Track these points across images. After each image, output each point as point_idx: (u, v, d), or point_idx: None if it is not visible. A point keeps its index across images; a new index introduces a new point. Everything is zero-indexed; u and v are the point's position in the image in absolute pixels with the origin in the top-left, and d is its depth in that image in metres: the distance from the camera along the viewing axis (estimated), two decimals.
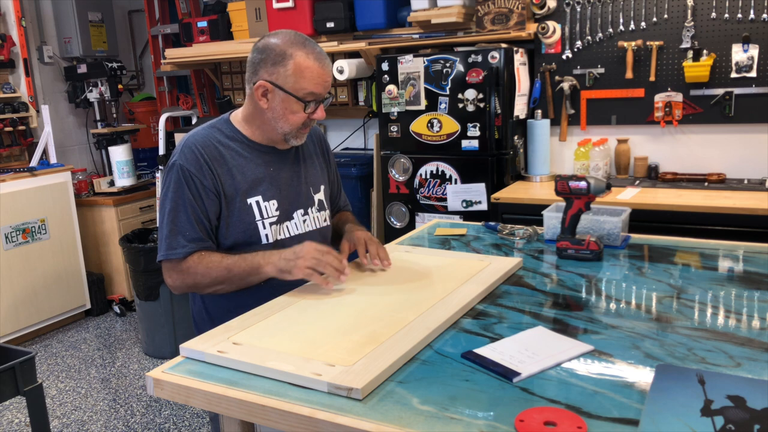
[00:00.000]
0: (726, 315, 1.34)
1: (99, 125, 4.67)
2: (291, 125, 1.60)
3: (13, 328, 3.84)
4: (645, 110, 3.15)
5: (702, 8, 2.94)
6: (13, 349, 2.16)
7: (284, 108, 1.58)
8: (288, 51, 1.55)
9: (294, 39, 1.57)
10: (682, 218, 2.59)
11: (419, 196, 3.35)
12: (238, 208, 1.61)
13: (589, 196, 1.74)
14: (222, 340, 1.27)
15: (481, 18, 3.30)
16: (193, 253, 1.57)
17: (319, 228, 1.77)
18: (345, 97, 4.03)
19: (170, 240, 1.57)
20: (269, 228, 1.65)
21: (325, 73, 1.58)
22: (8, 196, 3.79)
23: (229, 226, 1.62)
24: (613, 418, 0.95)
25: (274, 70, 1.56)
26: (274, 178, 1.67)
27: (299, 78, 1.55)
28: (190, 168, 1.57)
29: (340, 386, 1.05)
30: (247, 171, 1.64)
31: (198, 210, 1.57)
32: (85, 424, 2.96)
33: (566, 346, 1.19)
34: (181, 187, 1.57)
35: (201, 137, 1.63)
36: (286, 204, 1.69)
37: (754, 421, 0.89)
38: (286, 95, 1.56)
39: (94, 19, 4.68)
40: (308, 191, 1.75)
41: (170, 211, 1.58)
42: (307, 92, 1.56)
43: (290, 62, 1.54)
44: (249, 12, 4.01)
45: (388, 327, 1.28)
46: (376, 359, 1.14)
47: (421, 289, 1.52)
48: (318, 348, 1.21)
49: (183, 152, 1.60)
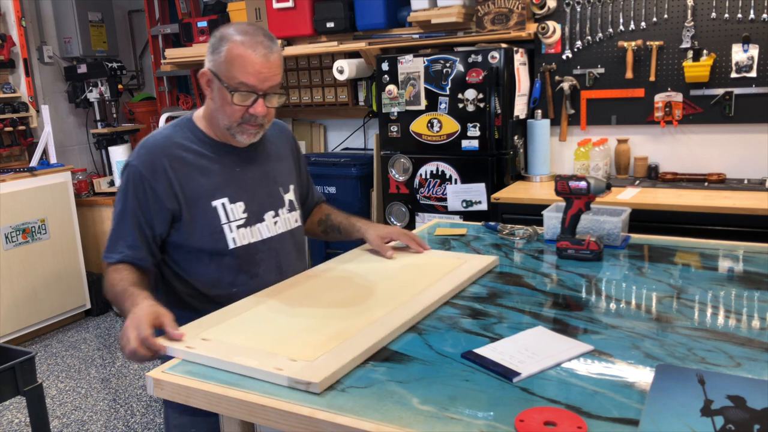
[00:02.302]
0: (726, 315, 1.34)
1: (99, 125, 4.68)
2: (229, 118, 1.50)
3: (13, 328, 3.84)
4: (645, 110, 3.15)
5: (702, 8, 2.94)
6: (13, 349, 2.16)
7: (221, 98, 1.49)
8: (226, 37, 1.46)
9: (238, 27, 1.48)
10: (682, 218, 2.59)
11: (419, 196, 3.35)
12: (202, 211, 1.53)
13: (589, 196, 1.74)
14: (192, 337, 1.27)
15: (481, 18, 3.30)
16: (122, 263, 1.49)
17: (290, 229, 1.71)
18: (345, 97, 4.03)
19: (111, 243, 1.51)
20: (236, 231, 1.57)
21: (261, 64, 1.44)
22: (8, 196, 3.79)
23: (192, 231, 1.53)
24: (613, 418, 0.95)
25: (212, 57, 1.48)
26: (240, 179, 1.59)
27: (230, 66, 1.45)
28: (143, 171, 1.50)
29: (300, 380, 1.07)
30: (211, 172, 1.55)
31: (141, 218, 1.50)
32: (85, 424, 2.96)
33: (566, 346, 1.19)
34: (129, 191, 1.50)
35: (161, 138, 1.55)
36: (255, 206, 1.61)
37: (754, 421, 0.89)
38: (220, 84, 1.47)
39: (94, 19, 4.68)
40: (278, 191, 1.68)
41: (118, 213, 1.52)
42: (238, 82, 1.45)
43: (224, 48, 1.45)
44: (249, 12, 4.01)
45: (355, 324, 1.30)
46: (337, 355, 1.16)
47: (393, 288, 1.53)
48: (284, 344, 1.22)
49: (139, 153, 1.53)
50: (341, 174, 3.83)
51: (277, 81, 1.49)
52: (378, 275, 1.63)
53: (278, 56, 1.49)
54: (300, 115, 4.42)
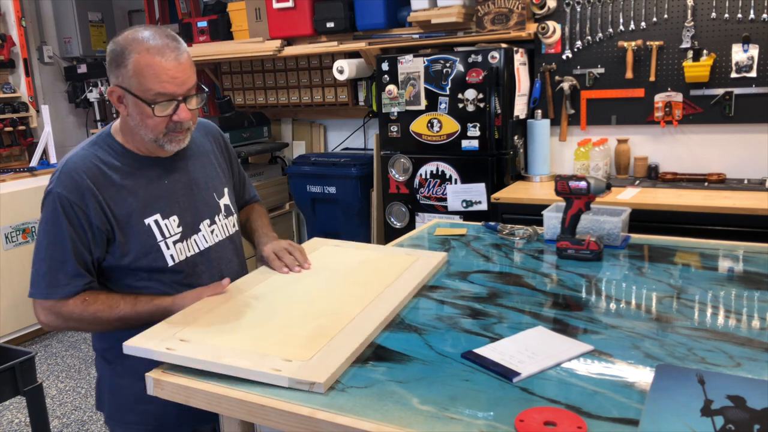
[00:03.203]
0: (726, 315, 1.34)
1: (99, 125, 4.68)
2: (153, 131, 1.40)
3: (13, 328, 3.84)
4: (645, 110, 3.15)
5: (702, 8, 2.94)
6: (13, 349, 2.16)
7: (139, 113, 1.38)
8: (127, 48, 1.34)
9: (138, 33, 1.36)
10: (682, 218, 2.59)
11: (419, 196, 3.35)
12: (136, 231, 1.43)
13: (589, 196, 1.74)
14: (168, 337, 1.23)
15: (481, 18, 3.30)
16: (77, 294, 1.39)
17: (229, 236, 1.63)
18: (345, 97, 4.03)
19: (50, 278, 1.38)
20: (173, 248, 1.48)
21: (173, 69, 1.35)
22: (8, 196, 3.79)
23: (128, 252, 1.43)
24: (613, 418, 0.95)
25: (118, 72, 1.37)
26: (170, 191, 1.50)
27: (142, 79, 1.34)
28: (70, 196, 1.37)
29: (302, 381, 1.07)
30: (139, 189, 1.45)
31: (79, 243, 1.39)
32: (85, 424, 2.96)
33: (566, 346, 1.19)
34: (60, 218, 1.38)
35: (81, 159, 1.42)
36: (189, 217, 1.52)
37: (754, 421, 0.89)
38: (136, 99, 1.36)
39: (94, 19, 4.68)
40: (211, 198, 1.59)
41: (48, 245, 1.38)
42: (154, 93, 1.35)
43: (130, 61, 1.34)
44: (249, 12, 4.01)
45: (334, 322, 1.30)
46: (331, 353, 1.16)
47: (358, 285, 1.54)
48: (268, 343, 1.21)
49: (60, 179, 1.39)
50: (341, 174, 3.83)
51: (193, 82, 1.41)
52: (340, 272, 1.64)
53: (188, 55, 1.40)
54: (300, 115, 4.42)
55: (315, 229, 4.10)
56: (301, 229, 4.48)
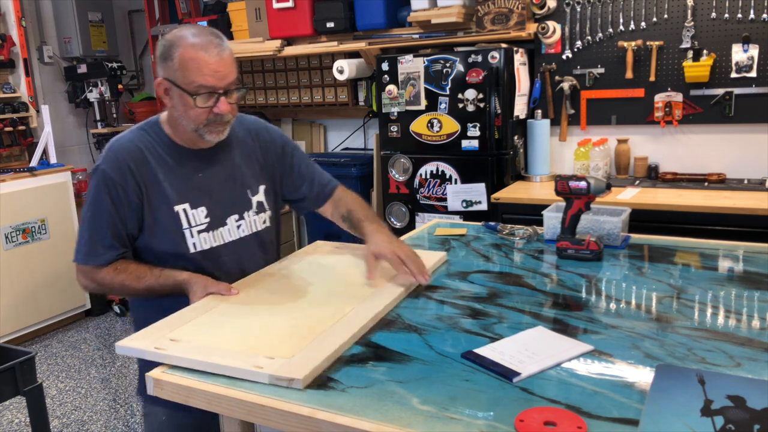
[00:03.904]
0: (726, 315, 1.34)
1: (99, 125, 4.68)
2: (194, 122, 1.51)
3: (13, 328, 3.84)
4: (645, 110, 3.15)
5: (702, 8, 2.94)
6: (13, 349, 2.16)
7: (183, 104, 1.49)
8: (175, 43, 1.46)
9: (184, 31, 1.48)
10: (682, 218, 2.59)
11: (419, 196, 3.35)
12: (165, 216, 1.55)
13: (589, 196, 1.74)
14: (159, 338, 1.26)
15: (481, 18, 3.30)
16: (111, 263, 1.53)
17: (256, 232, 1.69)
18: (345, 97, 4.03)
19: (90, 246, 1.53)
20: (197, 237, 1.57)
21: (215, 63, 1.45)
22: (8, 196, 3.79)
23: (155, 234, 1.55)
24: (613, 418, 0.95)
25: (165, 65, 1.48)
26: (203, 185, 1.59)
27: (185, 71, 1.45)
28: (113, 175, 1.51)
29: (281, 377, 1.09)
30: (174, 178, 1.56)
31: (116, 219, 1.52)
32: (85, 424, 2.96)
33: (566, 346, 1.19)
34: (102, 194, 1.52)
35: (127, 141, 1.56)
36: (218, 210, 1.61)
37: (754, 421, 0.89)
38: (181, 91, 1.47)
39: (94, 19, 4.68)
40: (244, 194, 1.67)
41: (91, 217, 1.53)
42: (197, 85, 1.46)
43: (176, 55, 1.45)
44: (249, 12, 4.01)
45: (324, 320, 1.32)
46: (314, 351, 1.17)
47: (354, 284, 1.56)
48: (256, 342, 1.23)
49: (107, 157, 1.54)
50: (341, 174, 3.83)
51: (233, 77, 1.50)
52: (337, 272, 1.66)
53: (230, 53, 1.50)
54: (300, 115, 4.42)
55: (315, 230, 4.10)
56: (302, 230, 4.48)
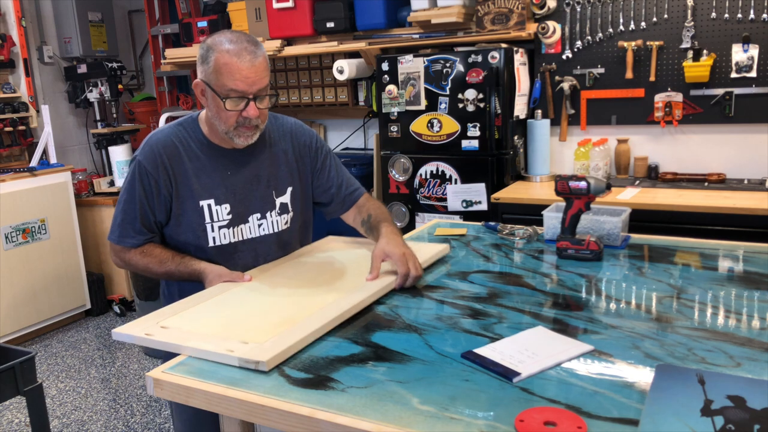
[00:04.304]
0: (726, 315, 1.34)
1: (99, 125, 4.67)
2: (225, 124, 1.59)
3: (13, 328, 3.84)
4: (645, 110, 3.15)
5: (702, 8, 2.94)
6: (13, 349, 2.16)
7: (216, 106, 1.58)
8: (212, 48, 1.55)
9: (223, 36, 1.56)
10: (682, 218, 2.59)
11: (419, 196, 3.35)
12: (191, 209, 1.65)
13: (589, 196, 1.74)
14: (151, 325, 1.35)
15: (481, 18, 3.30)
16: (139, 246, 1.66)
17: (277, 232, 1.77)
18: (345, 97, 4.03)
19: (122, 229, 1.66)
20: (218, 231, 1.67)
21: (246, 69, 1.53)
22: (8, 196, 3.79)
23: (181, 224, 1.67)
24: (613, 418, 0.95)
25: (202, 68, 1.58)
26: (229, 182, 1.68)
27: (219, 75, 1.54)
28: (147, 166, 1.63)
29: (249, 360, 1.15)
30: (203, 174, 1.66)
31: (146, 207, 1.64)
32: (85, 424, 2.96)
33: (566, 346, 1.19)
34: (135, 182, 1.64)
35: (164, 135, 1.67)
36: (241, 208, 1.69)
37: (754, 421, 0.89)
38: (213, 93, 1.57)
39: (94, 19, 4.67)
40: (269, 195, 1.74)
41: (125, 202, 1.66)
42: (228, 89, 1.54)
43: (212, 59, 1.54)
44: (249, 12, 4.01)
45: (307, 309, 1.38)
46: (285, 337, 1.23)
47: (346, 276, 1.61)
48: (237, 329, 1.30)
49: (144, 149, 1.66)
50: None
51: (264, 83, 1.57)
52: (334, 266, 1.71)
53: (263, 60, 1.57)
54: (300, 115, 4.42)
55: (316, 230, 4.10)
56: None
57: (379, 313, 1.43)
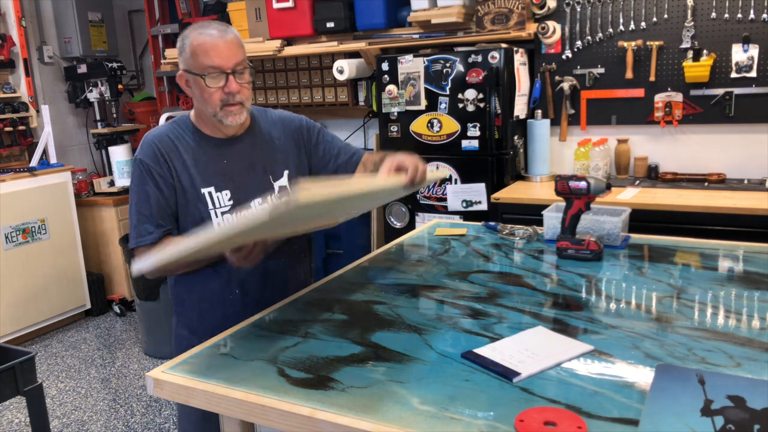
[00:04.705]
0: (726, 315, 1.34)
1: (99, 125, 4.67)
2: (211, 105, 1.62)
3: (13, 328, 3.84)
4: (645, 110, 3.14)
5: (702, 8, 2.94)
6: (13, 349, 2.16)
7: (199, 90, 1.62)
8: (186, 36, 1.62)
9: (195, 25, 1.63)
10: (682, 218, 2.59)
11: (419, 196, 3.35)
12: (193, 197, 1.69)
13: (589, 196, 1.74)
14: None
15: (481, 18, 3.30)
16: (160, 239, 1.66)
17: None
18: (345, 97, 4.03)
19: (139, 228, 1.66)
20: (221, 217, 1.71)
21: (220, 45, 1.59)
22: (8, 196, 3.79)
23: (186, 213, 1.69)
24: (613, 418, 0.95)
25: (182, 58, 1.63)
26: (227, 170, 1.72)
27: (195, 57, 1.59)
28: (149, 161, 1.66)
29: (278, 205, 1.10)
30: (200, 163, 1.69)
31: (161, 198, 1.66)
32: (85, 424, 2.96)
33: (566, 346, 1.19)
34: (144, 179, 1.66)
35: (158, 133, 1.72)
36: (241, 194, 1.72)
37: (754, 421, 0.89)
38: (194, 77, 1.61)
39: (94, 19, 4.67)
40: (266, 180, 1.77)
41: (136, 203, 1.67)
42: (205, 66, 1.59)
43: (187, 45, 1.60)
44: (249, 12, 4.01)
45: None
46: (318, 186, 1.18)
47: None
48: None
49: (142, 148, 1.70)
50: None
51: (240, 58, 1.61)
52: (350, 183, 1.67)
53: (234, 37, 1.63)
54: None
55: None
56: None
57: (379, 313, 1.43)
